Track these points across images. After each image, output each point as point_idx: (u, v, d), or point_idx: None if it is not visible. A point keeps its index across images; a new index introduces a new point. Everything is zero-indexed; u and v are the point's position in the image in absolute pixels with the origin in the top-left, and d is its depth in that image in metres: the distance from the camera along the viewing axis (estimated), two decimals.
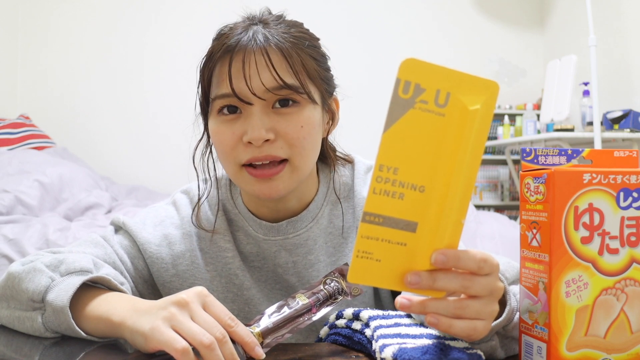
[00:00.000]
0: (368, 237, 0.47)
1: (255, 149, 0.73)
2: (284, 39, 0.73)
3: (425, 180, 0.47)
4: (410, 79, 0.45)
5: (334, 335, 0.69)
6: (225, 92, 0.73)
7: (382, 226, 0.47)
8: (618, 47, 3.25)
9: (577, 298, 0.53)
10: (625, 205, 0.54)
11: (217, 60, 0.74)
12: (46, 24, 3.36)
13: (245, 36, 0.73)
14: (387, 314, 0.65)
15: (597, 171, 0.53)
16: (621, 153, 0.57)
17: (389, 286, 0.50)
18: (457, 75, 0.46)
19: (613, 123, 2.92)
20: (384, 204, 0.46)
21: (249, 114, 0.73)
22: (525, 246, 0.56)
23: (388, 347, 0.55)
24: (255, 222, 0.83)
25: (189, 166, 0.83)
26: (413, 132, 0.46)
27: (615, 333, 0.54)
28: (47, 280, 0.66)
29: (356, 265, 0.48)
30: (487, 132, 0.47)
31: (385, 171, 0.46)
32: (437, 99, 0.45)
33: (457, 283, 0.50)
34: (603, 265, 0.53)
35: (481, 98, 0.46)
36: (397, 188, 0.46)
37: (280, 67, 0.72)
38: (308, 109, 0.75)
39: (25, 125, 2.87)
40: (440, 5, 3.84)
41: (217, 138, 0.76)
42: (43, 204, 2.14)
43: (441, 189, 0.47)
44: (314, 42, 0.78)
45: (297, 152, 0.74)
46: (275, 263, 0.83)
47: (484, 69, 3.86)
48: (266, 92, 0.72)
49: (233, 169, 0.76)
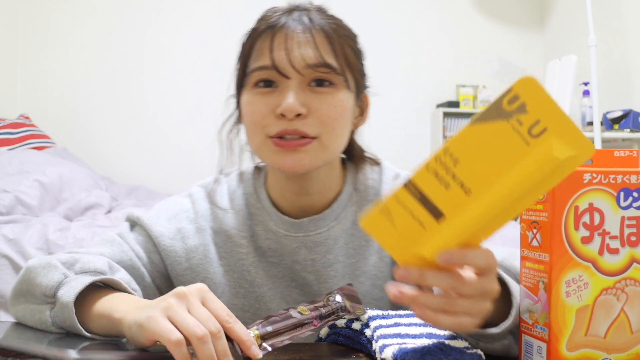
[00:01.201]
0: (399, 201, 0.48)
1: (286, 122, 0.72)
2: (327, 24, 0.75)
3: (475, 186, 0.46)
4: (521, 95, 0.44)
5: (334, 335, 0.69)
6: (264, 64, 0.73)
7: (416, 200, 0.47)
8: (618, 47, 3.25)
9: (577, 298, 0.53)
10: (625, 205, 0.54)
11: (259, 34, 0.75)
12: (46, 24, 3.36)
13: (290, 16, 0.74)
14: (386, 314, 0.65)
15: (597, 171, 0.53)
16: (621, 153, 0.57)
17: (387, 248, 0.51)
18: (563, 118, 0.45)
19: (613, 123, 2.92)
20: (429, 184, 0.47)
21: (285, 88, 0.73)
22: (525, 246, 0.56)
23: (388, 348, 0.55)
24: (278, 217, 0.82)
25: (189, 166, 0.83)
26: (493, 141, 0.45)
27: (616, 333, 0.54)
28: (61, 276, 0.67)
29: (374, 217, 0.49)
30: (555, 184, 0.47)
31: (448, 157, 0.46)
32: (532, 127, 0.45)
33: (446, 282, 0.50)
34: (603, 265, 0.53)
35: (570, 152, 0.45)
36: (448, 177, 0.46)
37: (323, 46, 0.73)
38: (343, 92, 0.75)
39: (25, 125, 2.87)
40: (440, 5, 3.84)
41: (248, 108, 0.76)
42: (43, 204, 2.14)
43: (483, 203, 0.46)
44: (353, 36, 0.80)
45: (327, 130, 0.74)
46: (294, 260, 0.82)
47: (484, 69, 3.86)
48: (305, 68, 0.73)
49: (259, 139, 0.75)
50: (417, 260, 0.50)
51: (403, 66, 3.70)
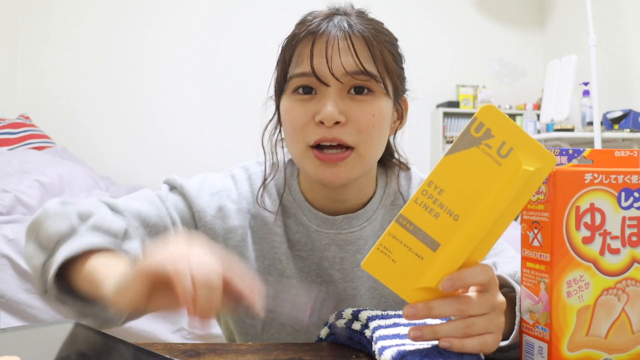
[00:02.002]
0: (394, 237, 0.51)
1: (325, 129, 0.72)
2: (367, 29, 0.74)
3: (461, 211, 0.50)
4: (485, 122, 0.50)
5: (334, 335, 0.69)
6: (304, 71, 0.73)
7: (410, 233, 0.51)
8: (618, 47, 3.25)
9: (579, 298, 0.53)
10: (626, 205, 0.54)
11: (299, 40, 0.75)
12: (46, 24, 3.36)
13: (330, 22, 0.74)
14: (385, 314, 0.65)
15: (598, 171, 0.53)
16: (622, 153, 0.57)
17: (392, 286, 0.53)
18: (524, 136, 0.50)
19: (613, 123, 2.92)
20: (420, 215, 0.51)
21: (324, 95, 0.73)
22: (526, 246, 0.56)
23: (387, 350, 0.55)
24: (310, 211, 0.82)
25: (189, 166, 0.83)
26: (469, 167, 0.50)
27: (617, 333, 0.54)
28: (68, 229, 0.67)
29: (373, 256, 0.52)
30: (530, 195, 0.50)
31: (433, 188, 0.50)
32: (500, 148, 0.50)
33: (453, 308, 0.52)
34: (604, 266, 0.53)
35: (537, 164, 0.50)
36: (436, 207, 0.51)
37: (362, 53, 0.73)
38: (381, 100, 0.75)
39: (25, 125, 2.87)
40: (440, 5, 3.85)
41: (288, 116, 0.76)
42: (43, 204, 2.14)
43: (471, 225, 0.50)
44: (393, 40, 0.80)
45: (364, 139, 0.74)
46: (323, 256, 0.82)
47: (484, 69, 3.86)
48: (345, 75, 0.72)
49: (300, 148, 0.75)
50: (422, 292, 0.52)
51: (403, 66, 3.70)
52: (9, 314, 1.74)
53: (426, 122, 3.88)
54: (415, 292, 0.52)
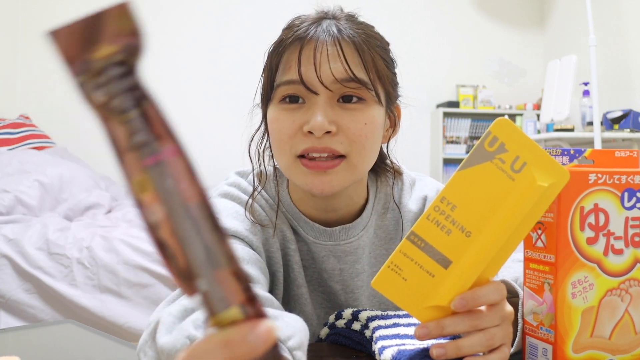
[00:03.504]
0: (405, 254, 0.50)
1: (314, 139, 0.69)
2: (357, 34, 0.71)
3: (474, 227, 0.50)
4: (499, 136, 0.49)
5: (334, 335, 0.68)
6: (292, 79, 0.70)
7: (421, 250, 0.50)
8: (618, 47, 3.25)
9: (583, 299, 0.52)
10: (629, 206, 0.54)
11: (286, 47, 0.71)
12: (46, 24, 3.36)
13: (319, 27, 0.71)
14: (385, 314, 0.65)
15: (602, 171, 0.53)
16: (622, 153, 0.57)
17: (402, 305, 0.52)
18: (538, 151, 0.49)
19: (613, 123, 2.92)
20: (431, 232, 0.50)
21: (313, 104, 0.70)
22: (529, 247, 0.56)
23: (387, 349, 0.55)
24: (306, 223, 0.79)
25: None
26: (482, 182, 0.49)
27: (620, 334, 0.54)
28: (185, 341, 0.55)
29: (384, 275, 0.51)
30: (543, 211, 0.50)
31: (445, 204, 0.50)
32: (514, 163, 0.49)
33: (466, 324, 0.51)
34: (608, 266, 0.53)
35: (551, 179, 0.49)
36: (448, 223, 0.50)
37: (352, 59, 0.70)
38: (373, 107, 0.72)
39: (25, 125, 2.86)
40: (440, 5, 3.84)
41: (275, 125, 0.72)
42: (43, 204, 2.14)
43: (484, 242, 0.49)
44: (384, 45, 0.76)
45: (356, 149, 0.71)
46: (321, 268, 0.80)
47: (484, 69, 3.86)
48: (334, 83, 0.69)
49: (288, 159, 0.72)
50: (433, 311, 0.51)
51: (403, 66, 3.70)
52: (9, 314, 1.73)
53: (426, 122, 3.88)
54: (426, 311, 0.51)
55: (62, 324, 0.81)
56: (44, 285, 1.74)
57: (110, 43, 0.27)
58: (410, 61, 4.02)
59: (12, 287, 1.75)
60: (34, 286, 1.76)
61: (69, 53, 0.28)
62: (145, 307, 1.72)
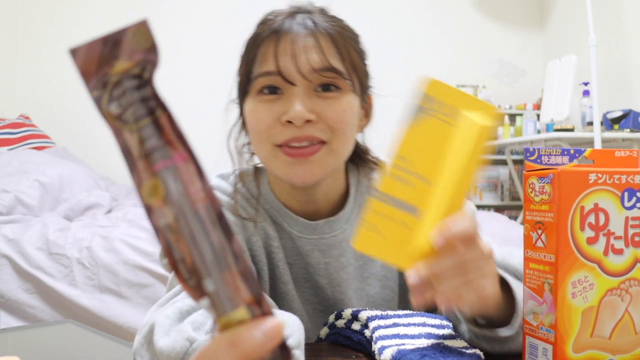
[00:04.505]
0: (377, 212, 0.55)
1: (295, 129, 0.70)
2: (331, 26, 0.73)
3: (431, 174, 0.55)
4: (431, 93, 0.55)
5: (334, 335, 0.69)
6: (269, 70, 0.71)
7: (391, 206, 0.55)
8: (618, 47, 3.25)
9: (583, 299, 0.52)
10: (629, 206, 0.54)
11: (263, 40, 0.73)
12: (46, 24, 3.36)
13: (293, 20, 0.73)
14: (385, 314, 0.65)
15: (602, 171, 0.53)
16: (622, 153, 0.57)
17: (387, 259, 0.56)
18: (467, 97, 0.56)
19: (613, 123, 2.92)
20: (396, 188, 0.55)
21: (291, 95, 0.71)
22: (529, 247, 0.56)
23: (387, 349, 0.55)
24: (291, 218, 0.80)
25: None
26: (428, 134, 0.55)
27: (620, 334, 0.54)
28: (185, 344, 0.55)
29: (362, 236, 0.55)
30: (484, 149, 0.55)
31: (403, 161, 0.55)
32: (449, 112, 0.55)
33: (451, 261, 0.52)
34: (608, 266, 0.53)
35: (485, 117, 0.55)
36: (408, 176, 0.55)
37: (328, 50, 0.72)
38: (350, 95, 0.74)
39: (25, 125, 2.86)
40: (440, 5, 3.84)
41: (253, 117, 0.74)
42: (43, 204, 2.14)
43: (442, 185, 0.54)
44: (356, 37, 0.78)
45: (337, 135, 0.72)
46: (307, 262, 0.81)
47: (484, 69, 3.86)
48: (312, 73, 0.71)
49: (267, 149, 0.73)
50: (418, 258, 0.54)
51: (403, 66, 3.70)
52: (9, 314, 1.73)
53: None
54: (411, 260, 0.54)
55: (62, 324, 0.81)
56: (44, 285, 1.74)
57: (127, 59, 0.28)
58: (411, 61, 4.03)
59: (12, 287, 1.75)
60: (34, 286, 1.76)
61: (87, 70, 0.29)
62: (145, 307, 1.72)
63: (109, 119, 0.29)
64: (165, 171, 0.28)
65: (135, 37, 0.28)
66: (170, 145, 0.29)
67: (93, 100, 0.29)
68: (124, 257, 1.76)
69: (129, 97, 0.29)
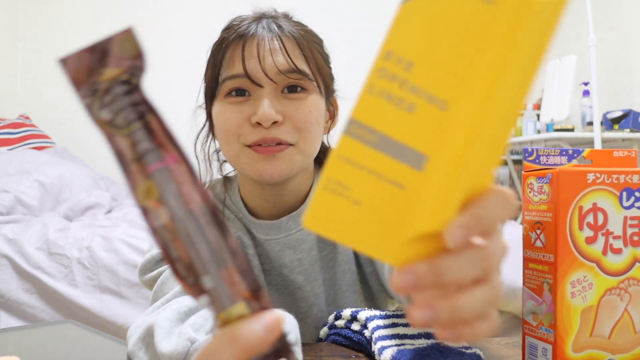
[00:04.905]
0: (348, 161, 0.29)
1: (263, 130, 0.72)
2: (295, 30, 0.76)
3: (449, 92, 0.28)
4: None
5: (334, 335, 0.69)
6: (237, 73, 0.73)
7: (374, 148, 0.29)
8: (618, 47, 3.25)
9: (582, 298, 0.53)
10: (627, 205, 0.54)
11: (229, 44, 0.75)
12: (46, 24, 3.36)
13: (259, 24, 0.75)
14: (384, 314, 0.65)
15: (600, 171, 0.53)
16: (620, 153, 0.57)
17: (361, 246, 0.30)
18: None
19: (613, 123, 2.92)
20: (383, 114, 0.28)
21: (258, 96, 0.73)
22: (528, 247, 0.56)
23: (387, 350, 0.55)
24: (255, 223, 0.81)
25: None
26: (446, 17, 0.28)
27: (619, 333, 0.54)
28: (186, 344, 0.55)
29: (320, 202, 0.29)
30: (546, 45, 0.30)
31: (395, 63, 0.28)
32: None
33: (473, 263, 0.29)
34: (607, 265, 0.53)
35: None
36: (406, 93, 0.28)
37: (293, 52, 0.74)
38: (315, 97, 0.76)
39: (25, 125, 2.87)
40: None
41: (221, 118, 0.75)
42: (43, 204, 2.14)
43: (472, 111, 0.28)
44: (320, 41, 0.81)
45: (303, 136, 0.74)
46: (281, 264, 0.81)
47: None
48: (278, 75, 0.73)
49: (235, 147, 0.74)
50: (415, 246, 0.30)
51: None
52: (9, 314, 1.73)
53: None
54: (404, 248, 0.30)
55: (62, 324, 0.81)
56: (44, 285, 1.74)
57: (115, 66, 0.29)
58: None
59: (12, 287, 1.75)
60: (34, 286, 1.76)
61: (77, 78, 0.30)
62: (145, 307, 1.72)
63: (100, 125, 0.30)
64: (158, 173, 0.29)
65: (122, 44, 0.29)
66: (162, 147, 0.29)
67: (84, 107, 0.30)
68: (124, 257, 1.76)
69: (119, 103, 0.29)
